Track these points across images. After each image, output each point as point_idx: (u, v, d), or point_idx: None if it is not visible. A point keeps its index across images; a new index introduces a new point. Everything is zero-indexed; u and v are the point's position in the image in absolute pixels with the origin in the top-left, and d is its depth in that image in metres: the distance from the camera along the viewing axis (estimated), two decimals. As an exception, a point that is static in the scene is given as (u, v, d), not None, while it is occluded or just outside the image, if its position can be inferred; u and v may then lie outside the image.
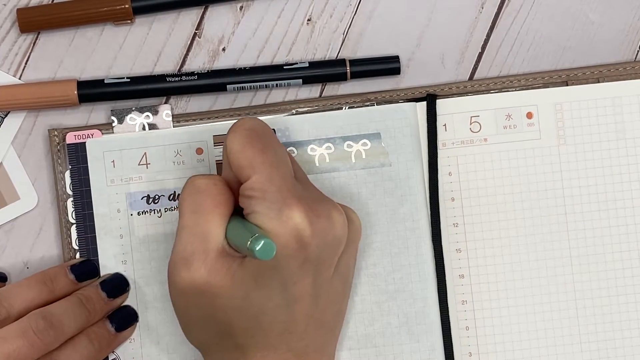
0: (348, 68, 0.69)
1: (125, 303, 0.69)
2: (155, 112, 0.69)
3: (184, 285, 0.59)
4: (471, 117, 0.69)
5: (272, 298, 0.59)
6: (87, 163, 0.68)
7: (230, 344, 0.61)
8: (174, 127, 0.69)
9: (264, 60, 0.71)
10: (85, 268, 0.68)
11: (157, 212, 0.68)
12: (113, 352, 0.68)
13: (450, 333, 0.69)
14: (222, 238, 0.59)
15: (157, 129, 0.69)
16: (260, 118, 0.69)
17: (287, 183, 0.59)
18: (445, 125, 0.69)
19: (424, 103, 0.69)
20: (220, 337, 0.61)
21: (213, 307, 0.59)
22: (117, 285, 0.68)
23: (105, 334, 0.66)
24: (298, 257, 0.58)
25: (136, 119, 0.69)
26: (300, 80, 0.69)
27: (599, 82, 0.70)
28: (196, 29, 0.71)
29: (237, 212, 0.60)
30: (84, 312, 0.65)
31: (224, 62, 0.71)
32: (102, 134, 0.69)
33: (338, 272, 0.62)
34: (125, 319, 0.68)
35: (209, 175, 0.61)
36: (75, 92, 0.69)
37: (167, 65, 0.70)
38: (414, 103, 0.69)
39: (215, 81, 0.69)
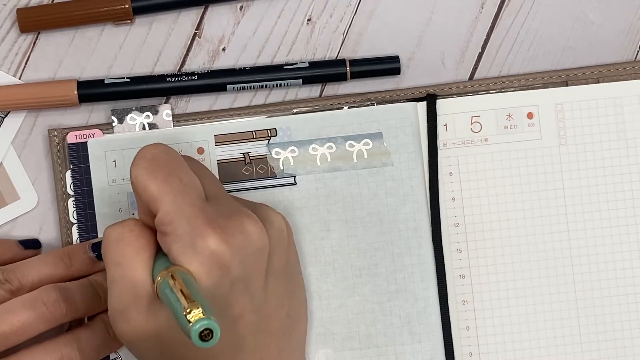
0: (348, 68, 0.69)
1: None
2: (155, 112, 0.69)
3: (129, 336, 0.58)
4: (472, 117, 0.69)
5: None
6: (88, 163, 0.68)
7: None
8: (174, 127, 0.69)
9: (264, 60, 0.71)
10: None
11: (159, 212, 0.68)
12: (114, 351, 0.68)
13: (451, 333, 0.69)
14: (150, 282, 0.57)
15: (157, 128, 0.69)
16: (262, 118, 0.69)
17: (195, 209, 0.57)
18: (445, 125, 0.69)
19: (425, 103, 0.69)
20: None
21: (163, 347, 0.58)
22: None
23: None
24: (225, 281, 0.56)
25: (136, 119, 0.69)
26: (300, 80, 0.69)
27: (599, 82, 0.70)
28: (196, 29, 0.71)
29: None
30: (96, 297, 0.65)
31: (224, 62, 0.71)
32: (103, 133, 0.69)
33: (274, 275, 0.60)
34: None
35: (122, 223, 0.59)
36: (75, 92, 0.68)
37: (167, 65, 0.70)
38: (415, 103, 0.69)
39: (215, 81, 0.69)
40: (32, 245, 0.68)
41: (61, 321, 0.63)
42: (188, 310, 0.51)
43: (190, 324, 0.51)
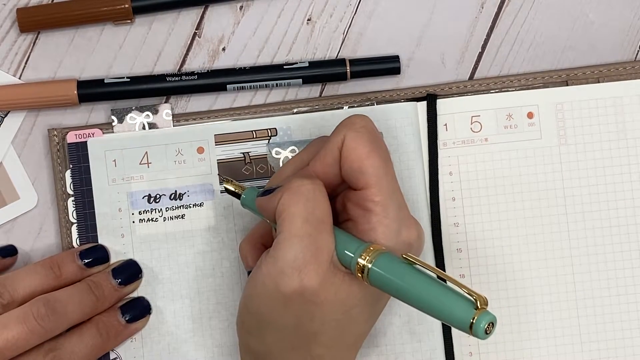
0: (348, 68, 0.69)
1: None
2: (155, 112, 0.69)
3: (290, 291, 0.57)
4: (472, 117, 0.69)
5: (364, 312, 0.59)
6: (88, 162, 0.68)
7: (301, 355, 0.59)
8: (173, 126, 0.69)
9: (264, 60, 0.71)
10: (95, 254, 0.67)
11: (159, 212, 0.68)
12: (114, 351, 0.68)
13: (451, 333, 0.69)
14: (333, 249, 0.57)
15: (157, 128, 0.69)
16: (262, 118, 0.69)
17: (402, 198, 0.59)
18: (446, 125, 0.69)
19: (425, 103, 0.69)
20: (293, 347, 0.59)
21: (308, 316, 0.58)
22: (129, 271, 0.67)
23: (114, 323, 0.66)
24: None
25: (136, 119, 0.69)
26: (300, 80, 0.69)
27: (599, 82, 0.70)
28: (196, 29, 0.71)
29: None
30: (92, 298, 0.65)
31: (224, 62, 0.71)
32: (103, 133, 0.69)
33: None
34: (138, 310, 0.67)
35: (314, 181, 0.58)
36: (75, 91, 0.69)
37: (167, 65, 0.70)
38: (415, 103, 0.69)
39: (215, 81, 0.69)
40: (10, 253, 0.68)
41: (54, 333, 0.63)
42: (483, 303, 0.51)
43: (476, 316, 0.51)
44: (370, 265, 0.55)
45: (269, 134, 0.69)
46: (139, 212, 0.68)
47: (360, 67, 0.70)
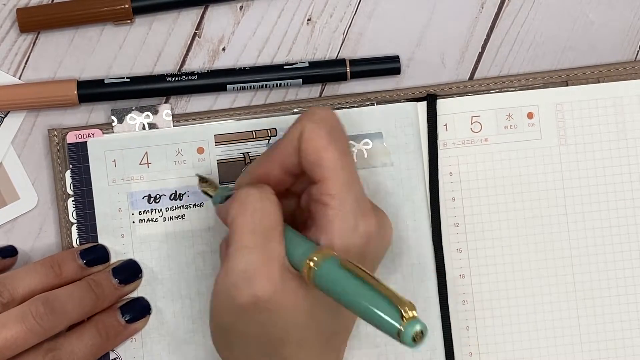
0: (348, 68, 0.69)
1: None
2: (155, 112, 0.69)
3: (244, 302, 0.56)
4: (472, 117, 0.69)
5: (330, 311, 0.58)
6: (88, 162, 0.68)
7: (274, 359, 0.59)
8: (173, 126, 0.69)
9: (264, 60, 0.71)
10: (95, 254, 0.67)
11: (159, 212, 0.68)
12: (114, 351, 0.68)
13: (451, 333, 0.69)
14: (284, 255, 0.57)
15: (157, 128, 0.69)
16: (262, 118, 0.69)
17: (362, 189, 0.58)
18: (446, 125, 0.69)
19: (425, 103, 0.69)
20: (264, 354, 0.59)
21: (270, 323, 0.57)
22: (129, 271, 0.67)
23: (114, 323, 0.66)
24: (365, 265, 0.55)
25: (136, 119, 0.69)
26: (300, 80, 0.69)
27: (599, 82, 0.70)
28: (196, 29, 0.71)
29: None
30: (92, 297, 0.65)
31: (224, 62, 0.71)
32: (103, 133, 0.69)
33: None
34: (138, 311, 0.67)
35: (260, 189, 0.58)
36: (75, 92, 0.69)
37: (167, 65, 0.70)
38: (415, 103, 0.69)
39: (215, 81, 0.69)
40: (10, 253, 0.68)
41: (54, 332, 0.63)
42: (406, 309, 0.50)
43: (405, 323, 0.50)
44: (315, 270, 0.55)
45: (269, 134, 0.69)
46: (139, 212, 0.68)
47: (360, 67, 0.70)
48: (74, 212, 0.68)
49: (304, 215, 0.61)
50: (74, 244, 0.68)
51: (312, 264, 0.55)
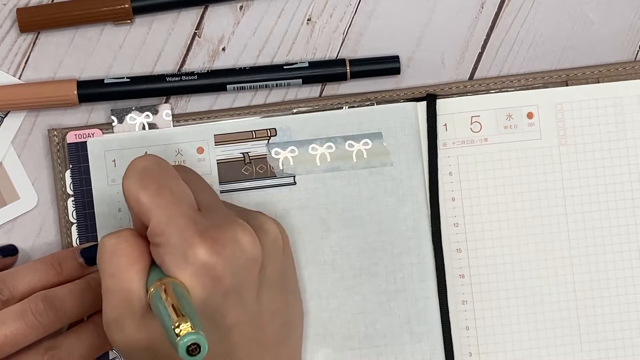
0: (348, 68, 0.69)
1: None
2: (155, 112, 0.69)
3: (122, 346, 0.58)
4: (472, 117, 0.69)
5: (207, 336, 0.57)
6: (87, 162, 0.68)
7: None
8: (173, 126, 0.69)
9: (264, 60, 0.71)
10: (96, 252, 0.67)
11: (158, 212, 0.68)
12: (114, 350, 0.68)
13: (451, 333, 0.69)
14: (144, 293, 0.57)
15: (157, 128, 0.69)
16: (262, 118, 0.69)
17: (186, 220, 0.56)
18: (445, 125, 0.69)
19: (425, 103, 0.69)
20: None
21: (155, 358, 0.58)
22: None
23: None
24: (217, 292, 0.56)
25: (136, 119, 0.69)
26: (300, 80, 0.69)
27: (599, 82, 0.70)
28: (196, 29, 0.71)
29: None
30: (91, 295, 0.64)
31: (224, 62, 0.71)
32: (103, 133, 0.69)
33: (268, 285, 0.60)
34: None
35: (118, 233, 0.58)
36: (75, 92, 0.69)
37: (167, 65, 0.70)
38: (415, 103, 0.69)
39: (215, 81, 0.69)
40: (10, 252, 0.68)
41: (53, 329, 0.63)
42: (177, 324, 0.52)
43: (179, 338, 0.51)
44: (149, 298, 0.56)
45: (269, 134, 0.69)
46: (139, 212, 0.68)
47: (360, 67, 0.70)
48: (74, 211, 0.68)
49: None
50: (74, 244, 0.68)
51: (152, 290, 0.56)
